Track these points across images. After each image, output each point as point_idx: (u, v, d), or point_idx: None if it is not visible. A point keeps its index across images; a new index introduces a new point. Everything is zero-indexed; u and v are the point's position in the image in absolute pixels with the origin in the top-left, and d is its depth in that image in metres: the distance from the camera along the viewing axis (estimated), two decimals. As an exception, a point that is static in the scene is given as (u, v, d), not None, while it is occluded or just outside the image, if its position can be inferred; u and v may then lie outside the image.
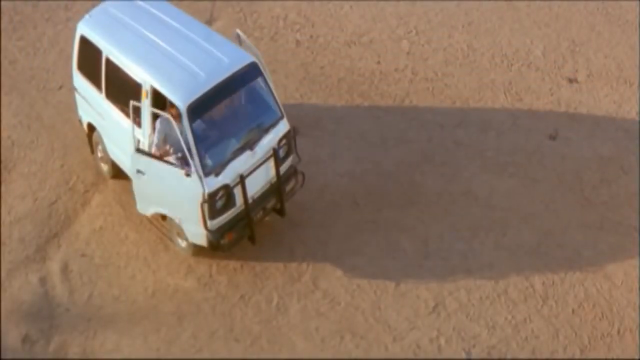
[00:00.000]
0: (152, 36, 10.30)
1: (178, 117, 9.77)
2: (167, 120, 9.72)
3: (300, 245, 10.78)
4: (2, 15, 13.93)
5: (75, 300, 10.30)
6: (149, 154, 9.98)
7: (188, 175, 9.69)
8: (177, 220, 10.30)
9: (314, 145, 11.81)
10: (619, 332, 9.95)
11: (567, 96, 12.72)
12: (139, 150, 10.01)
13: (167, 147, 9.99)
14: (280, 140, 10.32)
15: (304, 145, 11.33)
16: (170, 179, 9.87)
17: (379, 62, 13.25)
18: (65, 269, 10.60)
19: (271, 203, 10.54)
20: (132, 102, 9.84)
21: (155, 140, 9.98)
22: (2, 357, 9.83)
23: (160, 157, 9.92)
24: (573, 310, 10.15)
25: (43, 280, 10.50)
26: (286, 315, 10.13)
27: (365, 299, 10.26)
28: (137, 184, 10.30)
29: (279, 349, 9.83)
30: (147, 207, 10.54)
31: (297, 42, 13.49)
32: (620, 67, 13.13)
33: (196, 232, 10.16)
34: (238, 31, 10.50)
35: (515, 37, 13.66)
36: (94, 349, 9.86)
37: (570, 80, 12.98)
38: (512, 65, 13.22)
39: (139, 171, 10.13)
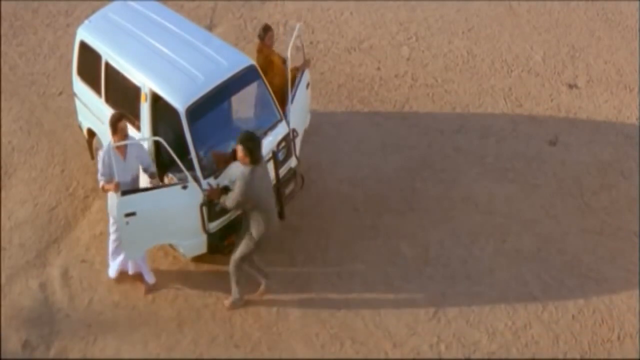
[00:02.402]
0: (151, 40, 10.30)
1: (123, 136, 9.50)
2: (109, 152, 9.41)
3: (300, 251, 10.77)
4: (2, 20, 13.95)
5: (75, 306, 10.28)
6: (140, 190, 9.59)
7: (185, 187, 9.63)
8: (173, 243, 10.15)
9: (314, 151, 11.81)
10: (619, 337, 9.94)
11: (567, 102, 12.73)
12: (126, 192, 9.35)
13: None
14: (279, 143, 10.32)
15: (304, 151, 11.33)
16: (166, 200, 9.58)
17: (379, 68, 13.26)
18: (65, 275, 10.59)
19: (271, 206, 10.54)
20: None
21: (100, 169, 9.60)
22: (2, 362, 9.85)
23: (154, 185, 9.57)
24: (573, 316, 10.14)
25: (43, 286, 10.49)
26: (286, 321, 10.12)
27: (365, 305, 10.25)
28: (126, 230, 9.49)
29: (279, 355, 9.82)
30: (138, 251, 9.88)
31: (297, 48, 13.51)
32: (620, 72, 13.15)
33: (195, 243, 10.05)
34: (298, 25, 10.71)
35: (515, 43, 13.67)
36: (94, 354, 9.84)
37: (570, 86, 12.99)
38: (512, 71, 13.23)
39: (128, 214, 9.36)
